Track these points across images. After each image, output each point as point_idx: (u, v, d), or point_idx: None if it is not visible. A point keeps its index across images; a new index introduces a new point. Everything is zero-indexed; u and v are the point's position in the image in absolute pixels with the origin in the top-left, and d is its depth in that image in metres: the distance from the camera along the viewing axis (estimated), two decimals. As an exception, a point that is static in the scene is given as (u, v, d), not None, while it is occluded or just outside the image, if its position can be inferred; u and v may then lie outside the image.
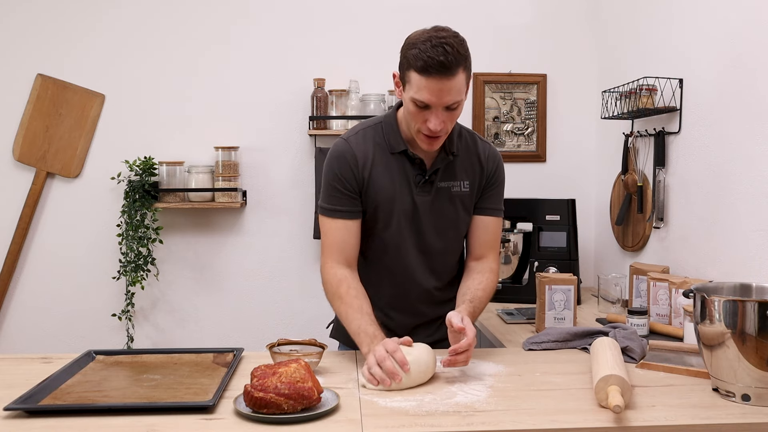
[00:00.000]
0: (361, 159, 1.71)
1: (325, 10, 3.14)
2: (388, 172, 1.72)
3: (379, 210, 1.73)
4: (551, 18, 3.22)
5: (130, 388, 1.45)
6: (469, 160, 1.77)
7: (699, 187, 2.32)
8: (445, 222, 1.76)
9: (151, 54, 3.09)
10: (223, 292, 3.17)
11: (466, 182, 1.76)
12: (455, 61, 1.52)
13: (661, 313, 2.20)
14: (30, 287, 3.08)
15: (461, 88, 1.57)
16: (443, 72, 1.51)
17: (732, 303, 1.35)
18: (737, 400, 1.36)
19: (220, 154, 3.02)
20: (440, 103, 1.56)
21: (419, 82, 1.54)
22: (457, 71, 1.53)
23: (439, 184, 1.74)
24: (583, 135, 3.26)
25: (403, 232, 1.75)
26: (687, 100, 2.40)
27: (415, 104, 1.58)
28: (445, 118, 1.59)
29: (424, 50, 1.51)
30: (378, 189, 1.72)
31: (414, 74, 1.55)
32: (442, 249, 1.79)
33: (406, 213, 1.74)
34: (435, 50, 1.50)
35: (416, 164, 1.72)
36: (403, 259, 1.77)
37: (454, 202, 1.76)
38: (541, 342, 1.80)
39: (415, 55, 1.53)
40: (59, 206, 3.08)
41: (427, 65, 1.51)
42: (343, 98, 3.05)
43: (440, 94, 1.54)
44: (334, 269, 1.70)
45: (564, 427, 1.25)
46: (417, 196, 1.73)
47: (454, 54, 1.51)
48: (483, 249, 1.81)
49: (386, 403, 1.36)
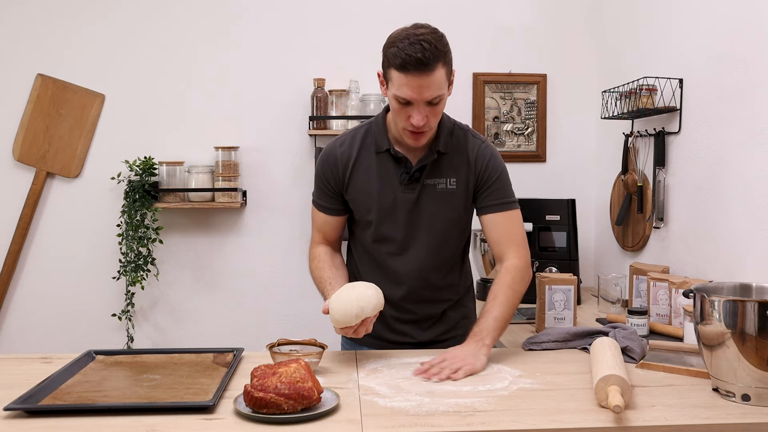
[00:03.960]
0: (343, 161, 1.78)
1: (325, 10, 3.14)
2: (371, 171, 1.77)
3: (361, 208, 1.79)
4: (551, 18, 3.22)
5: (130, 388, 1.45)
6: (458, 157, 1.78)
7: (699, 187, 2.32)
8: (429, 219, 1.78)
9: (151, 54, 3.09)
10: (223, 292, 3.17)
11: (453, 179, 1.77)
12: (433, 57, 1.55)
13: (661, 313, 2.20)
14: (30, 287, 3.08)
15: (441, 83, 1.60)
16: (421, 68, 1.55)
17: (732, 303, 1.35)
18: (737, 400, 1.36)
19: (220, 154, 3.02)
20: (421, 98, 1.59)
21: (399, 79, 1.58)
22: (436, 67, 1.57)
23: (425, 181, 1.76)
24: (583, 135, 3.26)
25: (384, 229, 1.79)
26: (687, 100, 2.40)
27: (398, 101, 1.62)
28: (428, 113, 1.63)
29: (402, 48, 1.56)
30: (359, 187, 1.78)
31: (394, 72, 1.59)
32: (425, 247, 1.79)
33: (387, 211, 1.77)
34: (413, 48, 1.55)
35: (401, 162, 1.76)
36: (385, 257, 1.81)
37: (440, 200, 1.77)
38: (541, 342, 1.80)
39: (394, 53, 1.58)
40: (59, 206, 3.08)
41: (406, 63, 1.55)
42: (343, 98, 3.05)
43: (420, 90, 1.58)
44: (312, 249, 1.88)
45: (564, 427, 1.25)
46: (402, 193, 1.76)
47: (431, 50, 1.55)
48: (499, 247, 1.79)
49: (386, 403, 1.36)
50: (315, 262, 1.84)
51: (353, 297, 1.56)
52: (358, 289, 1.60)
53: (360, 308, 1.55)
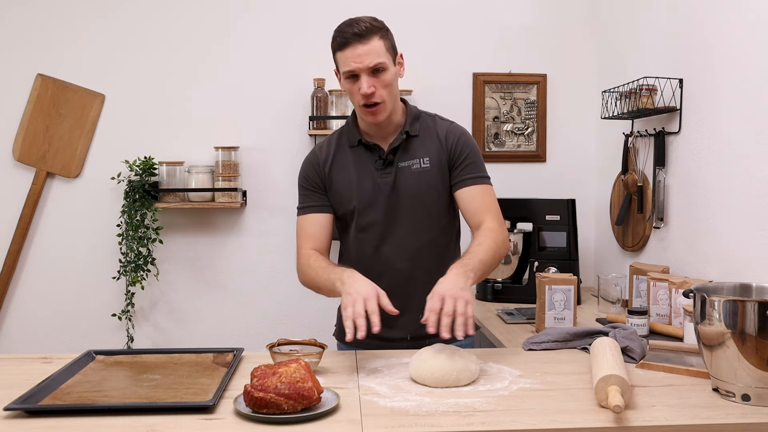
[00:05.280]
0: (323, 158, 1.87)
1: (325, 10, 3.13)
2: (347, 165, 1.85)
3: (343, 201, 1.84)
4: (551, 18, 3.22)
5: (130, 388, 1.45)
6: (428, 138, 1.85)
7: (699, 187, 2.32)
8: (409, 200, 1.82)
9: (151, 54, 3.09)
10: (223, 292, 3.17)
11: (426, 158, 1.82)
12: (367, 29, 1.70)
13: (661, 313, 2.20)
14: (30, 287, 3.08)
15: (380, 52, 1.71)
16: (357, 39, 1.69)
17: (732, 303, 1.35)
18: (737, 400, 1.36)
19: (220, 154, 3.02)
20: (363, 67, 1.70)
21: (342, 57, 1.72)
22: (371, 38, 1.70)
23: (399, 164, 1.82)
24: (583, 135, 3.26)
25: (368, 217, 1.83)
26: (687, 100, 2.40)
27: (347, 79, 1.74)
28: (375, 83, 1.72)
29: (339, 30, 1.73)
30: (339, 181, 1.85)
31: (339, 54, 1.73)
32: (411, 228, 1.83)
33: (368, 198, 1.82)
34: (348, 27, 1.72)
35: (374, 150, 1.83)
36: (374, 245, 1.84)
37: (416, 179, 1.82)
38: (541, 342, 1.80)
39: (333, 37, 1.74)
40: (59, 206, 3.08)
41: (343, 39, 1.71)
42: (343, 98, 3.05)
43: (360, 59, 1.70)
44: (303, 252, 1.82)
45: (564, 427, 1.24)
46: (379, 179, 1.82)
47: (365, 25, 1.71)
48: (477, 216, 1.80)
49: (386, 403, 1.36)
50: (309, 260, 1.78)
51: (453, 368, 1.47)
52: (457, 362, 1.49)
53: (457, 380, 1.46)
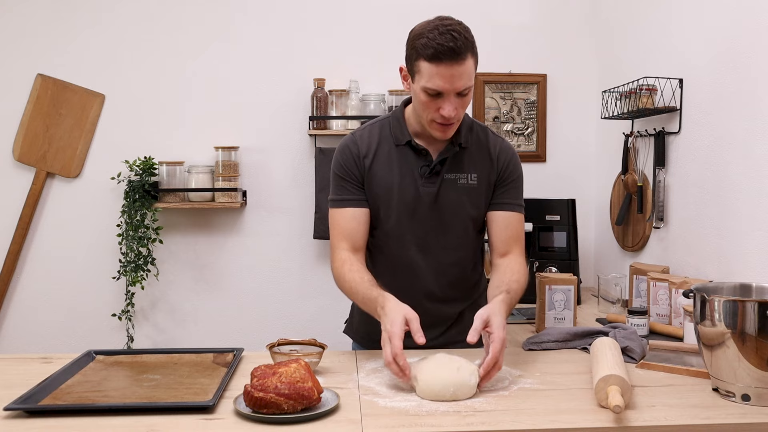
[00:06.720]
0: (363, 150, 1.74)
1: (325, 9, 3.14)
2: (390, 163, 1.73)
3: (380, 201, 1.74)
4: (551, 18, 3.22)
5: (130, 388, 1.45)
6: (479, 153, 1.75)
7: (699, 187, 2.32)
8: (450, 215, 1.74)
9: (151, 54, 3.09)
10: (223, 292, 3.17)
11: (474, 175, 1.74)
12: (464, 46, 1.54)
13: (661, 313, 2.20)
14: (30, 287, 3.08)
15: (471, 74, 1.58)
16: (453, 57, 1.53)
17: (732, 303, 1.35)
18: (737, 400, 1.36)
19: (220, 154, 3.02)
20: (452, 89, 1.57)
21: (430, 70, 1.55)
22: (467, 56, 1.55)
23: (445, 175, 1.72)
24: (583, 135, 3.26)
25: (403, 224, 1.73)
26: (687, 100, 2.40)
27: (427, 93, 1.59)
28: (458, 105, 1.60)
29: (432, 38, 1.53)
30: (378, 180, 1.73)
31: (424, 63, 1.56)
32: (445, 243, 1.76)
33: (407, 205, 1.72)
34: (443, 37, 1.52)
35: (422, 155, 1.72)
36: (404, 253, 1.76)
37: (460, 195, 1.73)
38: (541, 342, 1.80)
39: (424, 44, 1.54)
40: (59, 206, 3.08)
41: (438, 52, 1.53)
42: (343, 98, 3.05)
43: (452, 80, 1.55)
44: (339, 254, 1.71)
45: (564, 427, 1.25)
46: (422, 187, 1.71)
47: (462, 40, 1.54)
48: (507, 245, 1.75)
49: (386, 403, 1.36)
50: (343, 269, 1.68)
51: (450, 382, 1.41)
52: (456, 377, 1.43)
53: (454, 395, 1.41)
